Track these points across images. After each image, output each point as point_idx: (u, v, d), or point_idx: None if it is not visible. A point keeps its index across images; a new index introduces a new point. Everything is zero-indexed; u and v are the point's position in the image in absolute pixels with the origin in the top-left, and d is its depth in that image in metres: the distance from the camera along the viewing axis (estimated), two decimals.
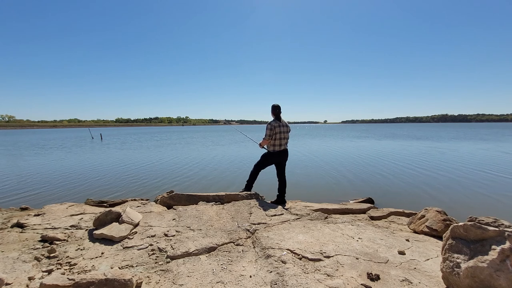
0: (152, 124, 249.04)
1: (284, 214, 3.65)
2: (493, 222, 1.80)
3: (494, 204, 5.37)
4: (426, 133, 37.33)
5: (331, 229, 3.05)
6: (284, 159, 4.49)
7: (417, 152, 13.94)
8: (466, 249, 1.78)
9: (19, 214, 3.72)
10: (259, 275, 2.10)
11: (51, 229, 3.04)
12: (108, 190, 6.73)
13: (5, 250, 2.53)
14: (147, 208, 4.01)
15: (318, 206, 4.40)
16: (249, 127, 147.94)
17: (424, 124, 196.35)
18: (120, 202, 4.56)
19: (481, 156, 12.03)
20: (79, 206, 4.07)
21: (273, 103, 4.40)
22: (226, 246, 2.64)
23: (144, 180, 7.93)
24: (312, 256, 2.36)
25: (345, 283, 1.96)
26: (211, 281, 2.03)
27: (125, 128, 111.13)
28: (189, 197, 4.30)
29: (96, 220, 3.06)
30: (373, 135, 32.67)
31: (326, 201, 5.16)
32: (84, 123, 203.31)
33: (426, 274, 2.12)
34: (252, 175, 4.62)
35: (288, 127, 4.46)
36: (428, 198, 5.82)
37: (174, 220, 3.36)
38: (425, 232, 3.08)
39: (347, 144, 20.19)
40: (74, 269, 2.22)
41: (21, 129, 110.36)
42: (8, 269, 2.18)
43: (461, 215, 3.91)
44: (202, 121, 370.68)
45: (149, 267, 2.27)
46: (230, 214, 3.58)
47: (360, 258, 2.35)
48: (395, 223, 3.72)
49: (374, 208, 4.47)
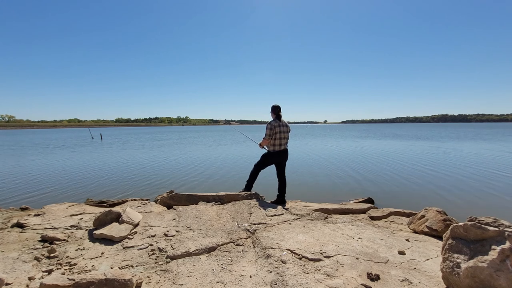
0: (152, 124, 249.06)
1: (284, 214, 3.65)
2: (493, 222, 1.80)
3: (494, 204, 5.37)
4: (426, 133, 37.34)
5: (331, 229, 3.05)
6: (284, 159, 4.49)
7: (416, 152, 13.94)
8: (466, 249, 1.78)
9: (19, 214, 3.72)
10: (259, 275, 2.10)
11: (51, 229, 3.04)
12: (108, 190, 6.73)
13: (5, 250, 2.53)
14: (147, 208, 4.01)
15: (318, 206, 4.40)
16: (249, 127, 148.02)
17: (424, 124, 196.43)
18: (120, 202, 4.56)
19: (481, 156, 12.03)
20: (79, 206, 4.07)
21: (273, 103, 4.42)
22: (226, 246, 2.64)
23: (144, 180, 7.93)
24: (312, 256, 2.36)
25: (345, 283, 1.96)
26: (211, 281, 2.03)
27: (125, 128, 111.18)
28: (189, 197, 4.30)
29: (96, 220, 3.06)
30: (373, 135, 32.68)
31: (326, 201, 5.16)
32: (84, 123, 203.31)
33: (426, 274, 2.12)
34: (252, 175, 4.62)
35: (288, 127, 4.46)
36: (428, 198, 5.82)
37: (174, 220, 3.36)
38: (425, 232, 3.08)
39: (347, 144, 20.19)
40: (74, 269, 2.22)
41: (21, 129, 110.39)
42: (8, 269, 2.18)
43: (461, 215, 3.91)
44: (202, 121, 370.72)
45: (149, 267, 2.27)
46: (230, 214, 3.58)
47: (360, 258, 2.35)
48: (395, 223, 3.72)
49: (374, 208, 4.47)
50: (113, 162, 11.53)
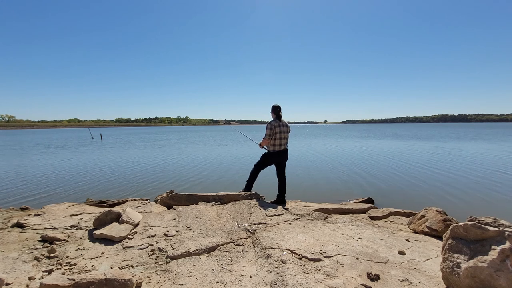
0: (152, 124, 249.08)
1: (284, 214, 3.65)
2: (493, 222, 1.80)
3: (494, 204, 5.37)
4: (426, 132, 37.34)
5: (331, 229, 3.05)
6: (284, 159, 4.49)
7: (416, 152, 13.93)
8: (466, 249, 1.78)
9: (19, 214, 3.72)
10: (259, 275, 2.10)
11: (51, 229, 3.04)
12: (108, 190, 6.73)
13: (5, 250, 2.53)
14: (147, 208, 4.01)
15: (318, 206, 4.40)
16: (249, 127, 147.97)
17: (424, 124, 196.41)
18: (120, 202, 4.56)
19: (481, 156, 12.03)
20: (79, 206, 4.07)
21: (273, 103, 4.42)
22: (226, 246, 2.64)
23: (144, 180, 7.93)
24: (312, 256, 2.36)
25: (345, 283, 1.96)
26: (211, 281, 2.03)
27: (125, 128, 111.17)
28: (189, 197, 4.30)
29: (96, 220, 3.06)
30: (373, 135, 32.67)
31: (326, 201, 5.15)
32: (84, 123, 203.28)
33: (426, 274, 2.12)
34: (252, 175, 4.62)
35: (288, 127, 4.47)
36: (428, 198, 5.82)
37: (174, 220, 3.36)
38: (425, 232, 3.08)
39: (348, 144, 20.19)
40: (74, 269, 2.22)
41: (21, 129, 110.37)
42: (8, 269, 2.18)
43: (461, 215, 3.91)
44: (202, 121, 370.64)
45: (149, 267, 2.27)
46: (230, 214, 3.58)
47: (360, 258, 2.35)
48: (395, 223, 3.72)
49: (374, 208, 4.47)
50: (113, 162, 11.53)
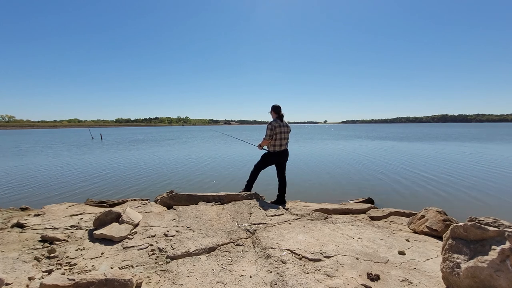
0: (152, 124, 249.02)
1: (284, 214, 3.65)
2: (493, 222, 1.80)
3: (494, 204, 5.36)
4: (426, 132, 37.32)
5: (331, 229, 3.05)
6: (284, 159, 4.49)
7: (416, 152, 13.93)
8: (466, 249, 1.78)
9: (19, 214, 3.72)
10: (259, 275, 2.10)
11: (51, 229, 3.04)
12: (108, 190, 6.73)
13: (5, 250, 2.53)
14: (147, 208, 4.01)
15: (318, 206, 4.40)
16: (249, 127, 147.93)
17: (424, 124, 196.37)
18: (120, 202, 4.56)
19: (480, 156, 12.03)
20: (79, 206, 4.07)
21: (274, 104, 4.41)
22: (226, 246, 2.64)
23: (144, 180, 7.93)
24: (312, 256, 2.36)
25: (345, 283, 1.96)
26: (211, 281, 2.03)
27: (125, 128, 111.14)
28: (189, 197, 4.30)
29: (96, 220, 3.06)
30: (373, 135, 32.66)
31: (326, 201, 5.15)
32: (84, 123, 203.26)
33: (426, 274, 2.12)
34: (252, 175, 4.62)
35: (289, 127, 4.46)
36: (428, 198, 5.82)
37: (174, 220, 3.36)
38: (425, 232, 3.08)
39: (348, 144, 20.19)
40: (74, 269, 2.22)
41: (21, 129, 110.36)
42: (8, 269, 2.18)
43: (461, 215, 3.91)
44: (202, 121, 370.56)
45: (149, 267, 2.27)
46: (230, 214, 3.58)
47: (360, 258, 2.35)
48: (395, 223, 3.71)
49: (374, 208, 4.47)
50: (113, 162, 11.52)
